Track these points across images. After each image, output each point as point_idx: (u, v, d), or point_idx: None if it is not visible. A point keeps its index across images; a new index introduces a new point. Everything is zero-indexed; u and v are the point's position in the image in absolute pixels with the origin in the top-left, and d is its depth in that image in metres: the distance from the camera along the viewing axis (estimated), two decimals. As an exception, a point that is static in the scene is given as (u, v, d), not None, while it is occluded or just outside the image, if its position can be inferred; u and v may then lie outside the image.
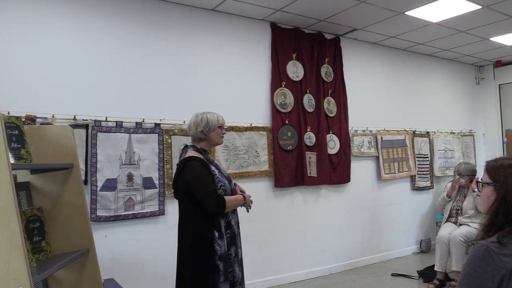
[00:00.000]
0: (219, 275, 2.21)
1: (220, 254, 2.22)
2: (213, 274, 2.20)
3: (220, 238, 2.24)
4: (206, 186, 2.22)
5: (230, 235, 2.31)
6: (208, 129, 2.37)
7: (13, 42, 3.03)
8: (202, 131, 2.36)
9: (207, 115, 2.40)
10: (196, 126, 2.37)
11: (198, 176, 2.23)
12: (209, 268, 2.19)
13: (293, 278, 4.31)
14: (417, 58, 5.77)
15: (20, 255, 1.42)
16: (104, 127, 3.34)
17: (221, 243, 2.24)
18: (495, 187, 1.37)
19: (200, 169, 2.24)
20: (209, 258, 2.20)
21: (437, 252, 4.06)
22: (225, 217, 2.30)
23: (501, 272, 1.20)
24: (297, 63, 4.43)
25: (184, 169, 2.27)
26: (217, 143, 2.47)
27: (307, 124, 4.47)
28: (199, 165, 2.25)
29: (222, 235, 2.26)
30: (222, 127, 2.45)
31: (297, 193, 4.44)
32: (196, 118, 2.40)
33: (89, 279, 2.11)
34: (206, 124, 2.36)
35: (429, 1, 3.90)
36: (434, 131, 5.79)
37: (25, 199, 2.01)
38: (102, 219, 3.28)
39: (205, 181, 2.23)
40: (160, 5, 3.70)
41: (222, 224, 2.28)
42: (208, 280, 2.19)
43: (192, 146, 2.40)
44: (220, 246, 2.23)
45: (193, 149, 2.36)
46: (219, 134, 2.43)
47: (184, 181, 2.27)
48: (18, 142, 1.81)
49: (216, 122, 2.40)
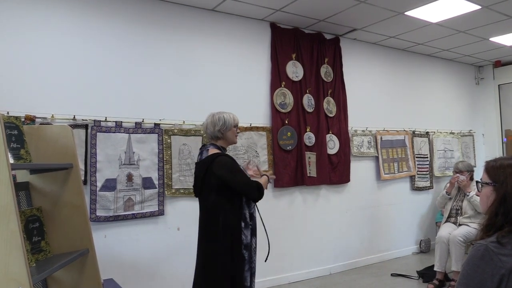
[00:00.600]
0: (244, 264, 2.36)
1: (245, 243, 2.38)
2: (240, 263, 2.34)
3: (245, 228, 2.39)
4: (244, 177, 2.38)
5: (252, 226, 2.45)
6: (225, 128, 2.48)
7: (13, 42, 3.03)
8: (220, 130, 2.47)
9: (224, 114, 2.50)
10: (214, 125, 2.47)
11: (233, 169, 2.37)
12: (237, 258, 2.34)
13: (293, 278, 4.31)
14: (417, 58, 5.77)
15: (20, 255, 1.42)
16: (104, 127, 3.33)
17: (247, 232, 2.39)
18: (495, 187, 1.37)
19: (232, 163, 2.39)
20: (238, 248, 2.34)
21: (437, 252, 4.07)
22: (249, 209, 2.44)
23: (500, 272, 1.20)
24: (296, 63, 4.43)
25: (213, 165, 2.35)
26: (232, 141, 2.57)
27: (307, 124, 4.47)
28: (229, 160, 2.39)
29: (247, 225, 2.41)
30: (237, 127, 2.57)
31: (297, 193, 4.44)
32: (213, 117, 2.49)
33: (89, 279, 2.12)
34: (223, 123, 2.47)
35: (428, 1, 3.90)
36: (434, 131, 5.79)
37: (24, 199, 2.01)
38: (102, 219, 3.28)
39: (241, 173, 2.39)
40: (160, 5, 3.70)
41: (247, 215, 2.42)
42: (236, 269, 2.32)
43: (211, 144, 2.49)
44: (246, 236, 2.39)
45: (214, 147, 2.47)
46: (234, 133, 2.54)
47: (215, 177, 2.36)
48: (17, 142, 1.81)
49: (233, 122, 2.51)
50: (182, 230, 3.67)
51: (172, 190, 3.62)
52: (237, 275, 2.32)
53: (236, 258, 2.33)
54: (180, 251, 3.62)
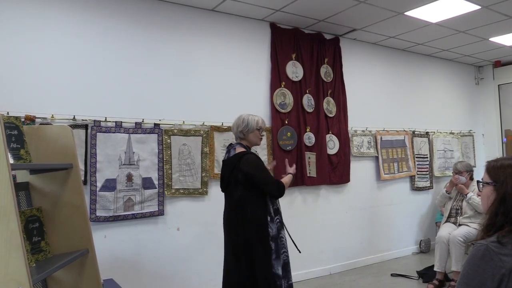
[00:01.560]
0: (271, 253, 2.55)
1: (272, 235, 2.56)
2: (268, 252, 2.53)
3: (271, 221, 2.58)
4: (268, 175, 2.60)
5: (279, 219, 2.65)
6: (247, 130, 2.67)
7: (13, 42, 3.03)
8: (242, 131, 2.67)
9: (249, 117, 2.69)
10: (237, 126, 2.69)
11: (259, 167, 2.58)
12: (265, 247, 2.53)
13: (293, 278, 4.27)
14: (417, 58, 5.77)
15: (19, 255, 1.42)
16: (104, 127, 3.33)
17: (272, 226, 2.58)
18: (495, 187, 1.37)
19: (258, 161, 2.61)
20: (265, 239, 2.54)
21: (437, 252, 4.07)
22: (273, 204, 2.63)
23: (500, 271, 1.20)
24: (296, 63, 4.43)
25: (241, 162, 2.56)
26: (255, 143, 2.74)
27: (307, 124, 4.47)
28: (256, 158, 2.61)
29: (273, 219, 2.60)
30: (261, 129, 2.74)
31: (297, 193, 4.44)
32: (238, 119, 2.71)
33: (89, 279, 2.11)
34: (246, 125, 2.66)
35: (428, 2, 3.90)
36: (434, 131, 5.79)
37: (24, 200, 2.01)
38: (102, 220, 3.28)
39: (266, 171, 2.61)
40: (160, 5, 3.70)
41: (272, 210, 2.61)
42: (265, 257, 2.52)
43: (238, 144, 2.70)
44: (271, 229, 2.57)
45: (240, 146, 2.67)
46: (257, 135, 2.71)
47: (243, 173, 2.56)
48: (17, 142, 1.81)
49: (255, 125, 2.68)
50: (182, 230, 3.67)
51: (172, 190, 3.62)
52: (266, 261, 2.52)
53: (264, 247, 2.52)
54: (180, 251, 3.62)
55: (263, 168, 2.62)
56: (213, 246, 3.69)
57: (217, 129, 3.89)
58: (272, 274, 2.53)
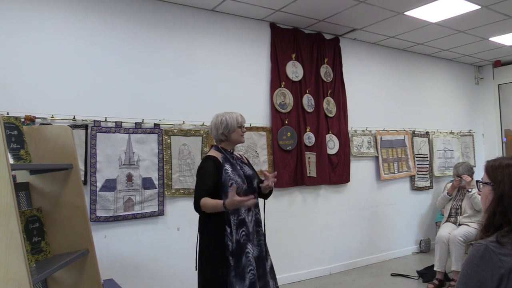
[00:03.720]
0: (230, 270, 2.28)
1: (231, 250, 2.29)
2: (225, 268, 2.28)
3: (231, 234, 2.30)
4: (200, 183, 2.34)
5: (245, 232, 2.34)
6: (228, 131, 2.46)
7: (13, 42, 3.03)
8: (223, 133, 2.46)
9: (226, 116, 2.47)
10: (217, 129, 2.47)
11: (201, 172, 2.38)
12: (220, 262, 2.29)
13: (293, 278, 4.31)
14: (417, 58, 5.77)
15: (19, 255, 1.42)
16: (104, 128, 3.33)
17: (233, 239, 2.30)
18: (493, 186, 1.37)
19: (206, 167, 2.37)
20: (221, 252, 2.29)
21: (437, 252, 4.07)
22: (236, 215, 2.33)
23: (500, 271, 1.20)
24: (296, 63, 4.43)
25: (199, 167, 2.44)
26: (239, 141, 2.54)
27: (307, 124, 4.47)
28: (209, 163, 2.38)
29: (232, 231, 2.31)
30: (242, 126, 2.52)
31: (297, 193, 4.44)
32: (216, 120, 2.49)
33: (89, 279, 2.12)
34: (225, 126, 2.45)
35: (428, 1, 3.90)
36: (434, 131, 5.79)
37: (24, 200, 2.01)
38: (102, 220, 3.28)
39: (203, 178, 2.35)
40: (160, 5, 3.70)
41: (233, 221, 2.32)
42: (219, 273, 2.28)
43: (214, 146, 2.54)
44: (232, 242, 2.30)
45: (214, 149, 2.51)
46: (239, 133, 2.50)
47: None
48: (17, 143, 1.81)
49: (236, 123, 2.47)
50: (182, 230, 3.67)
51: (172, 190, 3.62)
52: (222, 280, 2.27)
53: (219, 262, 2.29)
54: (180, 251, 3.62)
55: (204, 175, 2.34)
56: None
57: (217, 129, 3.89)
58: None
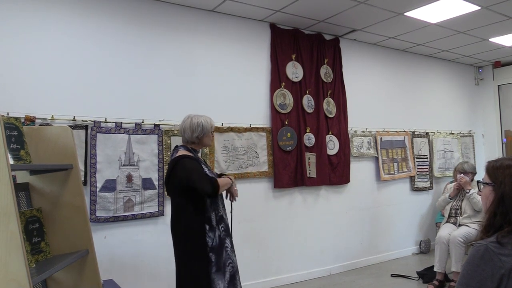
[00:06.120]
0: (211, 266, 2.36)
1: (211, 246, 2.38)
2: (206, 265, 2.35)
3: (211, 231, 2.40)
4: (201, 174, 2.41)
5: (224, 227, 2.48)
6: (203, 135, 2.54)
7: (13, 42, 3.03)
8: (197, 137, 2.53)
9: (201, 120, 2.54)
10: (192, 131, 2.52)
11: (193, 169, 2.40)
12: (201, 260, 2.36)
13: (293, 279, 4.30)
14: (417, 59, 5.77)
15: (19, 256, 1.42)
16: (104, 128, 3.33)
17: (213, 235, 2.40)
18: (494, 187, 1.37)
19: (193, 164, 2.43)
20: (202, 250, 2.36)
21: (437, 253, 4.06)
22: (216, 211, 2.47)
23: (500, 272, 1.20)
24: (296, 63, 4.43)
25: (176, 167, 2.42)
26: (207, 145, 2.67)
27: (307, 125, 4.47)
28: (192, 162, 2.44)
29: (214, 228, 2.42)
30: (213, 132, 2.67)
31: (297, 193, 4.44)
32: (191, 122, 2.53)
33: (89, 280, 2.12)
34: (201, 129, 2.52)
35: (428, 2, 3.91)
36: (434, 132, 5.79)
37: (24, 200, 2.01)
38: (102, 220, 3.28)
39: (200, 171, 2.42)
40: (160, 5, 3.70)
41: (213, 218, 2.44)
42: (201, 271, 2.35)
43: (183, 146, 2.56)
44: (211, 239, 2.39)
45: (184, 149, 2.52)
46: (210, 137, 2.62)
47: (177, 178, 2.42)
48: (17, 143, 1.81)
49: (210, 128, 2.57)
50: (182, 230, 3.67)
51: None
52: (204, 277, 2.34)
53: (201, 260, 2.35)
54: (180, 252, 3.62)
55: (199, 171, 2.42)
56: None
57: (217, 129, 3.89)
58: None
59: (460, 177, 4.27)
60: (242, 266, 3.98)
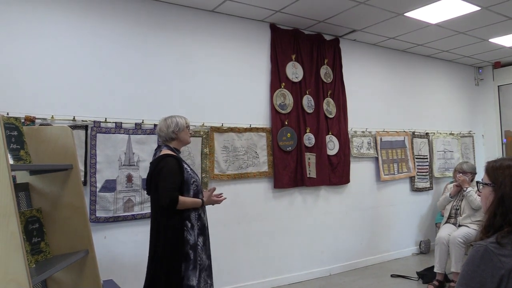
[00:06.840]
0: (189, 264, 2.46)
1: (192, 243, 2.48)
2: (184, 262, 2.44)
3: (191, 228, 2.50)
4: (170, 181, 2.43)
5: (199, 226, 2.56)
6: (178, 129, 2.64)
7: (13, 43, 3.03)
8: (173, 131, 2.62)
9: (176, 117, 2.67)
10: (167, 127, 2.63)
11: (168, 171, 2.45)
12: (180, 257, 2.44)
13: (292, 279, 4.30)
14: (417, 59, 5.77)
15: (19, 256, 1.42)
16: (104, 128, 3.33)
17: (192, 233, 2.50)
18: (493, 187, 1.37)
19: (173, 165, 2.48)
20: (181, 248, 2.44)
21: (437, 253, 4.07)
22: (196, 210, 2.55)
23: (500, 272, 1.20)
24: (296, 64, 4.43)
25: (159, 166, 2.48)
26: (186, 141, 2.74)
27: (307, 125, 4.47)
28: (173, 161, 2.49)
29: (193, 226, 2.52)
30: (189, 127, 2.74)
31: (297, 194, 4.44)
32: (166, 121, 2.66)
33: (88, 280, 2.11)
34: (176, 125, 2.63)
35: (428, 2, 3.91)
36: (434, 132, 5.79)
37: (24, 200, 2.01)
38: (102, 220, 3.28)
39: (171, 177, 2.44)
40: (160, 6, 3.70)
41: (193, 216, 2.53)
42: (179, 268, 2.42)
43: (165, 146, 2.64)
44: (191, 236, 2.49)
45: (166, 148, 2.61)
46: (187, 133, 2.71)
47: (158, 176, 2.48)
48: (17, 143, 1.81)
49: (184, 123, 2.68)
50: (182, 231, 3.66)
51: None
52: (179, 273, 2.42)
53: (178, 257, 2.43)
54: (179, 252, 3.62)
55: (172, 174, 2.45)
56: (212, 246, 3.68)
57: (217, 129, 3.90)
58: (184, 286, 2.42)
59: (459, 176, 4.29)
60: (242, 266, 4.00)
